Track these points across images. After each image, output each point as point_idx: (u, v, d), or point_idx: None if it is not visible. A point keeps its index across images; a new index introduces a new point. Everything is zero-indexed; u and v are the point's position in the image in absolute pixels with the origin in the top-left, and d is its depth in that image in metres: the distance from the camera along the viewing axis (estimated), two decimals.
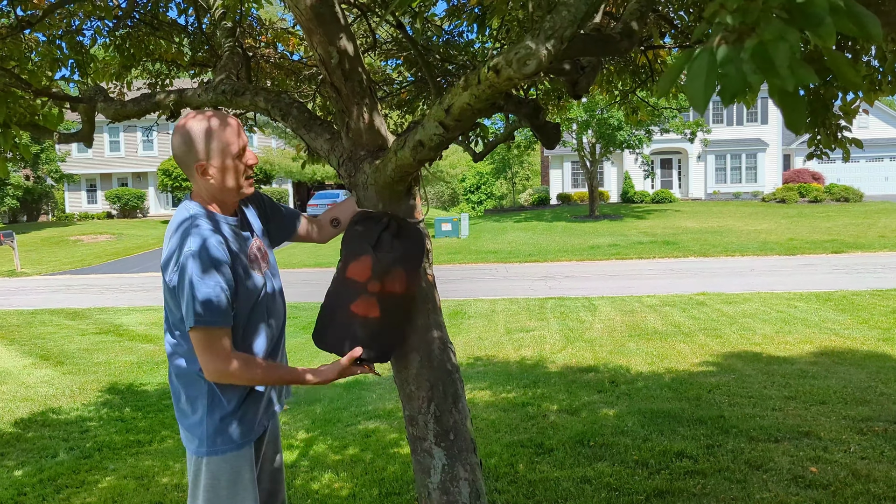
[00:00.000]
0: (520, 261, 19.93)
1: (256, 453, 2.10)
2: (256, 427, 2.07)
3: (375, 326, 2.09)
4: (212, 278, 1.86)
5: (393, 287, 2.08)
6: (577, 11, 1.47)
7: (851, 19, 0.69)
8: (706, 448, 4.33)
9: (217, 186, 1.99)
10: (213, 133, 1.95)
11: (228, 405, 1.99)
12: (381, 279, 2.07)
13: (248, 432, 2.03)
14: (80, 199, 38.89)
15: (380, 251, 2.08)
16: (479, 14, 3.67)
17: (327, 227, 2.41)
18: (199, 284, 1.85)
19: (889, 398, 5.42)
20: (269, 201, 2.34)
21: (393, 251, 2.09)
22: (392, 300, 2.09)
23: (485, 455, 4.38)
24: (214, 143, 1.95)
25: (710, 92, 0.73)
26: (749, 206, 31.40)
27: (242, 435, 2.01)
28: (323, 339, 2.20)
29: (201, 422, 1.97)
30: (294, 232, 2.37)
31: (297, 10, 2.13)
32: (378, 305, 2.08)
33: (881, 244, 19.33)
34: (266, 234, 2.26)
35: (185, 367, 2.00)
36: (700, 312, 10.47)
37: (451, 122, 1.81)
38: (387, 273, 2.07)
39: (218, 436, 1.98)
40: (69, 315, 13.03)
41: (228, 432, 1.99)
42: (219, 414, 1.98)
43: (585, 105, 24.82)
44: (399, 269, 2.08)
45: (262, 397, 2.08)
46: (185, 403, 2.02)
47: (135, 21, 3.90)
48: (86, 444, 5.30)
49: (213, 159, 1.96)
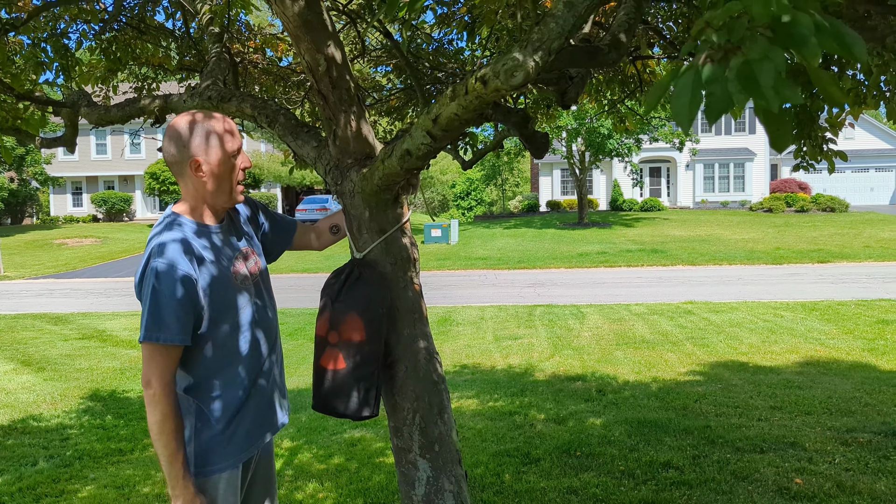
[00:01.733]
0: (509, 267, 19.94)
1: (243, 476, 2.01)
2: (244, 451, 1.97)
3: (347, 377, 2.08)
4: (169, 295, 1.79)
5: (350, 335, 2.07)
6: (564, 24, 1.47)
7: (836, 40, 0.68)
8: (692, 458, 4.33)
9: (208, 187, 1.91)
10: (209, 128, 1.89)
11: (216, 426, 1.90)
12: (337, 329, 2.08)
13: (235, 455, 1.93)
14: (66, 201, 38.57)
15: (336, 302, 2.10)
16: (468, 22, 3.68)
17: (326, 234, 2.36)
18: (154, 300, 1.79)
19: (873, 409, 5.45)
20: (265, 209, 2.28)
21: (347, 299, 2.09)
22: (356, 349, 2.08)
23: (471, 465, 4.36)
24: (211, 139, 1.88)
25: (696, 110, 0.72)
26: (737, 215, 31.61)
27: (229, 457, 1.92)
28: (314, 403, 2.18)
29: (188, 442, 1.88)
30: (291, 241, 2.32)
31: (284, 16, 2.12)
32: (342, 355, 2.07)
33: (866, 254, 19.50)
34: (262, 243, 2.20)
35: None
36: (687, 321, 10.51)
37: (438, 132, 1.80)
38: (342, 322, 2.08)
39: (203, 457, 1.89)
40: (52, 320, 12.90)
41: (216, 454, 1.90)
42: (206, 434, 1.90)
43: (575, 113, 24.94)
44: (353, 314, 2.07)
45: (251, 420, 1.98)
46: None
47: (121, 24, 3.87)
48: (66, 453, 5.23)
49: (208, 155, 1.88)
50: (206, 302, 1.87)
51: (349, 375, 2.08)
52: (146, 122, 2.89)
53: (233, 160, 1.92)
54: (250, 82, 4.23)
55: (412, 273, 2.28)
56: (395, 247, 2.24)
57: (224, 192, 1.93)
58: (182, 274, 1.81)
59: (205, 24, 3.04)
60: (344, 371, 2.08)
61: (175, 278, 1.79)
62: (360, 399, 2.09)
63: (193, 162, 1.88)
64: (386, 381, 2.27)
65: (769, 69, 0.68)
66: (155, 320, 1.79)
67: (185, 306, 1.81)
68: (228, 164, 1.91)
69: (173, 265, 1.80)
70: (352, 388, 2.09)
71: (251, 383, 1.98)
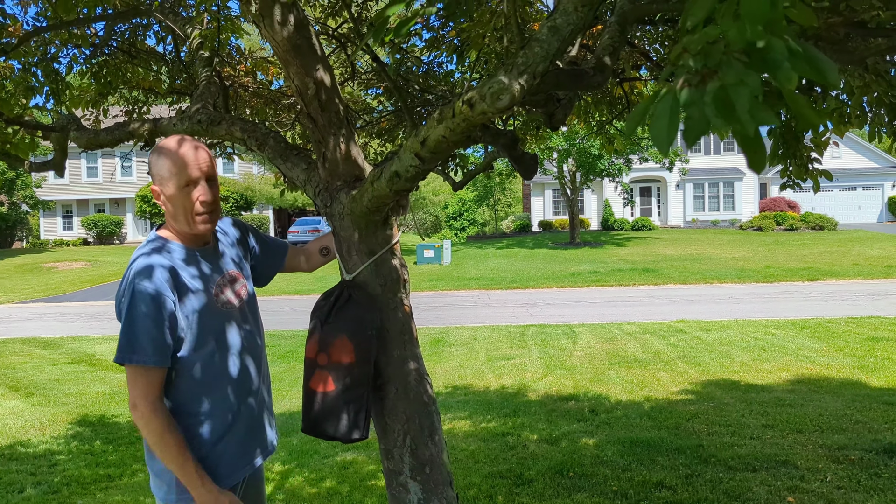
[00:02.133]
0: (501, 287, 19.95)
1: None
2: (231, 475, 1.94)
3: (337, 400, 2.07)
4: (146, 316, 1.78)
5: (339, 357, 2.07)
6: (549, 47, 1.49)
7: (809, 64, 0.70)
8: (685, 478, 4.32)
9: (169, 215, 1.93)
10: (171, 158, 1.88)
11: (203, 450, 1.88)
12: (326, 351, 2.08)
13: (220, 480, 1.90)
14: (56, 225, 38.41)
15: (325, 324, 2.10)
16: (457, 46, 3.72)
17: (316, 255, 2.37)
18: (131, 321, 1.78)
19: (864, 426, 5.45)
20: (256, 232, 2.28)
21: (337, 321, 2.09)
22: (346, 371, 2.07)
23: (464, 486, 4.33)
24: (168, 169, 1.87)
25: (674, 133, 0.74)
26: (727, 233, 31.79)
27: (215, 482, 1.88)
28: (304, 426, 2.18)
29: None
30: (283, 263, 2.33)
31: (274, 41, 2.14)
32: (332, 378, 2.07)
33: (855, 272, 19.62)
34: (252, 266, 2.20)
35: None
36: (679, 340, 10.52)
37: (426, 154, 1.82)
38: (331, 344, 2.08)
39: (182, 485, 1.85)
40: (41, 344, 12.78)
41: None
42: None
43: (566, 134, 25.13)
44: (342, 336, 2.07)
45: (237, 444, 1.96)
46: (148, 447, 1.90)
47: (112, 49, 3.89)
48: (54, 479, 5.16)
49: (163, 185, 1.89)
50: (187, 325, 1.86)
51: (339, 398, 2.08)
52: (136, 146, 2.90)
53: (186, 192, 1.87)
54: (241, 105, 4.25)
55: (402, 294, 2.28)
56: (385, 268, 2.24)
57: (181, 222, 1.91)
58: (158, 296, 1.80)
59: (195, 49, 3.06)
60: (333, 393, 2.08)
61: (150, 300, 1.79)
62: (350, 421, 2.09)
63: (153, 190, 1.93)
64: (376, 403, 2.26)
65: (744, 93, 0.70)
66: (129, 341, 1.79)
67: (160, 328, 1.80)
68: (180, 196, 1.88)
69: (149, 286, 1.80)
70: (341, 410, 2.08)
71: (238, 407, 1.96)
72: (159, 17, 3.40)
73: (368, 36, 1.42)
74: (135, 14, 3.55)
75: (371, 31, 1.33)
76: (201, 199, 1.89)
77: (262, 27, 2.12)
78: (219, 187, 2.00)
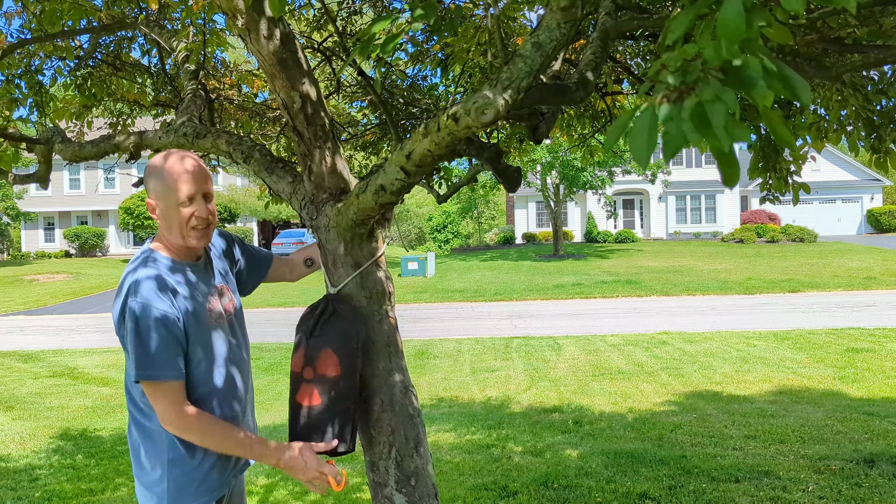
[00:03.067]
0: (486, 300, 19.97)
1: None
2: (220, 486, 1.96)
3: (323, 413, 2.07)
4: (155, 331, 1.79)
5: (325, 370, 2.07)
6: (532, 63, 1.52)
7: (783, 83, 0.73)
8: (668, 489, 4.34)
9: (163, 228, 1.95)
10: (162, 173, 1.90)
11: (191, 461, 1.89)
12: (312, 364, 2.09)
13: (210, 492, 1.92)
14: (37, 237, 38.00)
15: (311, 338, 2.11)
16: (442, 59, 3.75)
17: (300, 266, 2.40)
18: (143, 339, 1.78)
19: (845, 436, 5.51)
20: (241, 243, 2.30)
21: (322, 334, 2.09)
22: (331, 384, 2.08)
23: (448, 499, 4.32)
24: (163, 184, 1.90)
25: (652, 148, 0.76)
26: (709, 245, 32.07)
27: (202, 495, 1.90)
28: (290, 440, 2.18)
29: (161, 479, 1.87)
30: (266, 274, 2.35)
31: (260, 54, 2.16)
32: (317, 391, 2.07)
33: (835, 283, 19.86)
34: (236, 276, 2.22)
35: (143, 421, 1.91)
36: (662, 351, 10.58)
37: (412, 168, 1.84)
38: (317, 357, 2.08)
39: (178, 495, 1.87)
40: (21, 357, 12.61)
41: (189, 492, 1.88)
42: (179, 471, 1.88)
43: (549, 147, 25.30)
44: (327, 350, 2.08)
45: (224, 458, 1.96)
46: (144, 458, 1.91)
47: (97, 61, 3.88)
48: (35, 494, 5.09)
49: (159, 200, 1.91)
50: (184, 338, 1.87)
51: (325, 411, 2.08)
52: (121, 158, 2.89)
53: (181, 207, 1.89)
54: (226, 118, 4.25)
55: (387, 306, 2.29)
56: (371, 280, 2.25)
57: (175, 235, 1.93)
58: (161, 312, 1.81)
59: (180, 61, 3.07)
60: (319, 407, 2.08)
61: (155, 317, 1.80)
62: (336, 435, 2.08)
63: (149, 204, 1.95)
64: (361, 415, 2.26)
65: (720, 110, 0.72)
66: (146, 359, 1.79)
67: (168, 342, 1.81)
68: (175, 211, 1.90)
69: (151, 303, 1.81)
70: (327, 423, 2.08)
71: (225, 420, 1.96)
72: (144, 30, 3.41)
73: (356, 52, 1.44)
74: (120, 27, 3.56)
75: (358, 48, 1.35)
76: (197, 214, 1.91)
77: (248, 41, 2.14)
78: (215, 203, 2.01)
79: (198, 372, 1.91)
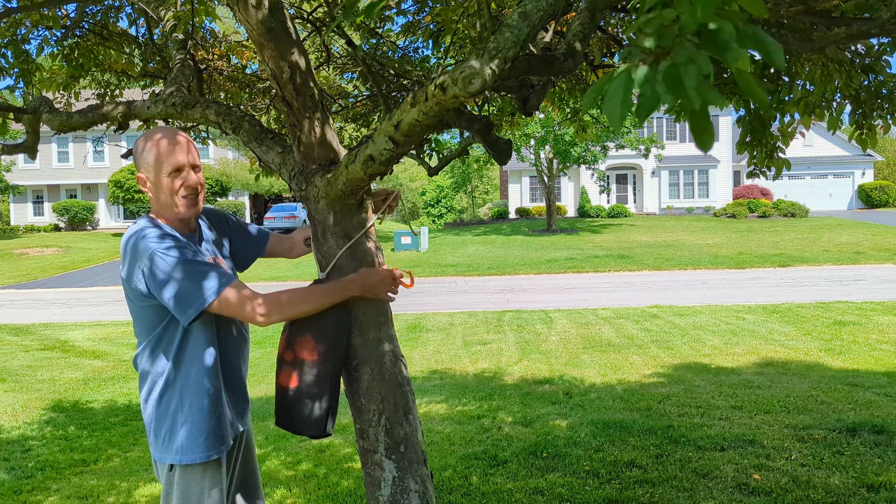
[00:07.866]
0: (479, 274, 20.04)
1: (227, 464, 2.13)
2: (227, 440, 2.08)
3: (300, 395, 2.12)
4: (182, 258, 1.91)
5: (303, 354, 2.11)
6: (519, 33, 1.52)
7: (756, 45, 0.74)
8: (655, 457, 4.42)
9: (154, 201, 2.05)
10: (150, 147, 2.01)
11: (201, 413, 2.01)
12: (293, 348, 2.13)
13: (219, 441, 2.05)
14: (26, 210, 37.74)
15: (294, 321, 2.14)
16: (433, 31, 3.73)
17: (300, 245, 2.47)
18: (174, 273, 1.89)
19: (829, 407, 5.61)
20: (234, 221, 2.39)
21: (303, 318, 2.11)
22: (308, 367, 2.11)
23: (439, 468, 4.39)
24: (149, 158, 2.01)
25: (627, 110, 0.78)
26: (701, 220, 32.18)
27: (215, 444, 2.03)
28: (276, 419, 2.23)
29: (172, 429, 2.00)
30: (263, 250, 2.43)
31: (248, 24, 2.14)
32: (295, 374, 2.12)
33: (825, 258, 20.02)
34: (230, 253, 2.30)
35: (154, 374, 2.02)
36: (653, 325, 10.68)
37: (400, 138, 1.85)
38: (296, 341, 2.12)
39: (191, 443, 2.00)
40: (12, 331, 12.61)
41: (199, 440, 2.01)
42: (193, 418, 2.00)
43: (542, 121, 25.20)
44: (306, 335, 2.11)
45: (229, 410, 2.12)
46: (154, 411, 2.03)
47: (84, 31, 3.84)
48: (28, 464, 5.14)
49: (149, 172, 2.02)
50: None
51: (302, 393, 2.13)
52: (109, 129, 2.88)
53: (171, 178, 2.00)
54: (215, 89, 4.23)
55: None
56: (360, 251, 2.27)
57: (166, 206, 2.04)
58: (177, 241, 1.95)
59: (168, 31, 3.04)
60: (298, 389, 2.13)
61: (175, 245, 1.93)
62: (312, 418, 2.13)
63: (139, 179, 2.06)
64: (351, 384, 2.29)
65: (693, 72, 0.74)
66: (197, 282, 1.89)
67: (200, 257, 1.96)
68: (166, 182, 2.01)
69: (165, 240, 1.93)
70: (304, 406, 2.13)
71: (228, 374, 2.11)
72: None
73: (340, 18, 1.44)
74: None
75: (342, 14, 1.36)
76: (186, 183, 2.03)
77: (236, 10, 2.12)
78: (203, 175, 2.12)
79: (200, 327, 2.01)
